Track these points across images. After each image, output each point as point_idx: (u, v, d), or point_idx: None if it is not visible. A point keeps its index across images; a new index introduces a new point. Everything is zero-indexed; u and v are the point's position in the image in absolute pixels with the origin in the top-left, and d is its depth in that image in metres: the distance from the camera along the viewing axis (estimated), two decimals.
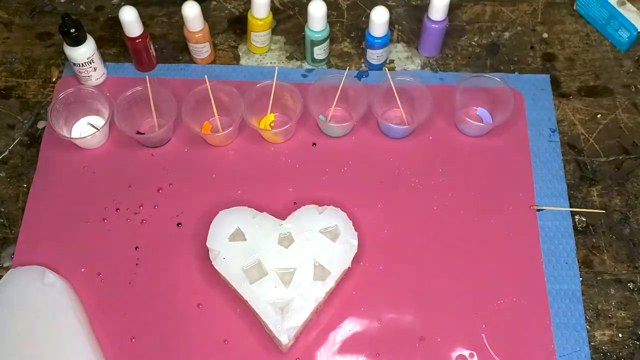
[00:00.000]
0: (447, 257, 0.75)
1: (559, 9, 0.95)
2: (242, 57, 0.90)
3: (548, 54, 0.91)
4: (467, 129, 0.82)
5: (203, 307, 0.71)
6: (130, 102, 0.80)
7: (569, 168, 0.81)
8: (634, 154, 0.82)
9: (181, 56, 0.90)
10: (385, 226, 0.76)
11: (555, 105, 0.86)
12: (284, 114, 0.83)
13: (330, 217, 0.72)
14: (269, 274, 0.69)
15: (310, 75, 0.88)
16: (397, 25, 0.93)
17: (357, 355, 0.69)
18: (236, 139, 0.83)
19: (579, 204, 0.79)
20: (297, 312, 0.67)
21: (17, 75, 0.89)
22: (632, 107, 0.86)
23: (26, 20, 0.94)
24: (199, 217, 0.76)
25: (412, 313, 0.71)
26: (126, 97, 0.79)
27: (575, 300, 0.72)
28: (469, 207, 0.78)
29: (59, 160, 0.81)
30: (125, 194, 0.78)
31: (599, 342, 0.71)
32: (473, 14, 0.95)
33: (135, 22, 0.81)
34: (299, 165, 0.81)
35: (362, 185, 0.79)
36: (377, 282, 0.73)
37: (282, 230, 0.71)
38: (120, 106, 0.79)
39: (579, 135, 0.84)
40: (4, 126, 0.85)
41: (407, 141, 0.82)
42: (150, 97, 0.79)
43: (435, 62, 0.90)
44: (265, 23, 0.85)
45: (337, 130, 0.82)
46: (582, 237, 0.76)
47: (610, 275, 0.74)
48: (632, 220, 0.78)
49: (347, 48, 0.91)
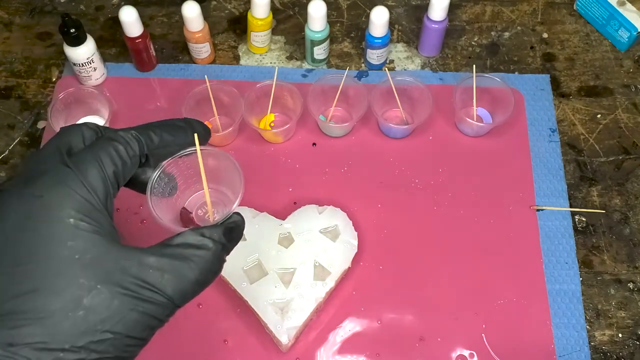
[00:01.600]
0: (447, 257, 0.75)
1: (559, 9, 0.95)
2: (242, 57, 0.90)
3: (548, 54, 0.91)
4: (467, 129, 0.82)
5: (203, 307, 0.71)
6: (198, 100, 0.80)
7: (569, 168, 0.81)
8: (634, 154, 0.82)
9: (181, 56, 0.90)
10: (385, 226, 0.76)
11: (555, 105, 0.86)
12: (284, 114, 0.83)
13: (330, 217, 0.72)
14: (269, 274, 0.69)
15: (310, 75, 0.88)
16: (397, 25, 0.93)
17: (357, 355, 0.69)
18: (236, 139, 0.83)
19: (579, 204, 0.79)
20: (297, 312, 0.67)
21: (17, 75, 0.89)
22: (632, 107, 0.86)
23: (26, 20, 0.94)
24: None
25: (412, 313, 0.72)
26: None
27: (575, 300, 0.72)
28: (469, 207, 0.78)
29: None
30: (125, 194, 0.78)
31: (599, 342, 0.71)
32: (473, 14, 0.95)
33: (135, 22, 0.81)
34: (299, 165, 0.81)
35: (362, 185, 0.79)
36: (377, 282, 0.73)
37: (282, 230, 0.71)
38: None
39: (579, 135, 0.84)
40: (4, 126, 0.85)
41: (407, 141, 0.83)
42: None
43: (435, 62, 0.90)
44: (265, 23, 0.85)
45: (337, 130, 0.82)
46: (582, 237, 0.76)
47: (610, 275, 0.74)
48: (632, 220, 0.78)
49: (347, 48, 0.91)
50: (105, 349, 0.36)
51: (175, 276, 0.38)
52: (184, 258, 0.39)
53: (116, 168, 0.40)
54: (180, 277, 0.38)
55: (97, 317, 0.35)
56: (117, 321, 0.36)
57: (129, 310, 0.36)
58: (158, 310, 0.38)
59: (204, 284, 0.40)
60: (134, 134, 0.42)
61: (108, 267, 0.36)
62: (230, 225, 0.43)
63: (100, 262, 0.36)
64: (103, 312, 0.35)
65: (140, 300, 0.37)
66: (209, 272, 0.40)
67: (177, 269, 0.38)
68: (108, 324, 0.36)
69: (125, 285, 0.36)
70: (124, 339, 0.36)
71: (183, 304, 0.40)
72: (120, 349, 0.36)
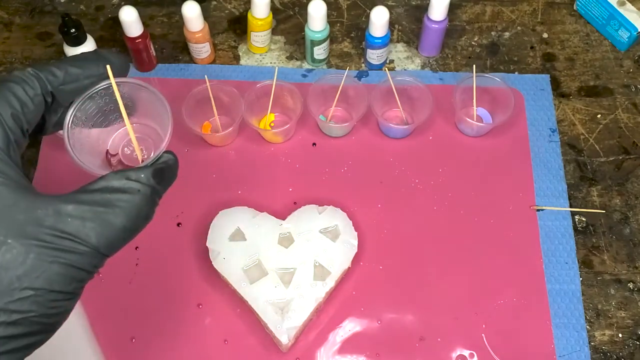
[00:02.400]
0: (447, 257, 0.75)
1: (559, 9, 0.95)
2: (242, 57, 0.90)
3: (548, 54, 0.91)
4: (467, 129, 0.82)
5: (203, 307, 0.71)
6: (198, 100, 0.80)
7: (569, 168, 0.81)
8: (634, 154, 0.82)
9: (181, 56, 0.90)
10: (385, 226, 0.76)
11: (555, 105, 0.86)
12: (284, 114, 0.83)
13: (330, 217, 0.72)
14: (269, 274, 0.69)
15: (310, 75, 0.88)
16: (397, 25, 0.93)
17: (357, 355, 0.69)
18: (236, 139, 0.83)
19: (579, 204, 0.79)
20: (297, 312, 0.67)
21: None
22: (632, 107, 0.86)
23: (26, 20, 0.94)
24: (199, 217, 0.77)
25: (412, 313, 0.72)
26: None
27: (575, 300, 0.72)
28: (469, 207, 0.78)
29: (59, 160, 0.81)
30: None
31: (599, 342, 0.71)
32: (473, 14, 0.95)
33: (135, 22, 0.81)
34: (299, 165, 0.81)
35: (362, 185, 0.79)
36: (377, 282, 0.73)
37: (282, 230, 0.71)
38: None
39: (579, 135, 0.84)
40: None
41: (407, 141, 0.83)
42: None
43: (435, 62, 0.90)
44: (265, 23, 0.85)
45: (337, 130, 0.82)
46: (582, 237, 0.76)
47: (610, 275, 0.74)
48: (632, 220, 0.78)
49: (347, 48, 0.91)
50: (27, 308, 0.33)
51: (99, 224, 0.36)
52: (107, 204, 0.36)
53: (15, 110, 0.37)
54: (105, 224, 0.36)
55: (11, 275, 0.33)
56: (36, 276, 0.33)
57: (49, 264, 0.34)
58: (83, 260, 0.35)
59: (134, 230, 0.38)
60: (32, 71, 0.39)
61: (18, 219, 0.34)
62: (160, 165, 0.40)
63: (7, 215, 0.34)
64: (18, 268, 0.33)
65: (61, 252, 0.34)
66: (138, 217, 0.37)
67: (101, 215, 0.36)
68: (26, 281, 0.33)
69: (40, 237, 0.34)
70: (47, 294, 0.34)
71: (112, 253, 0.37)
72: (45, 306, 0.34)
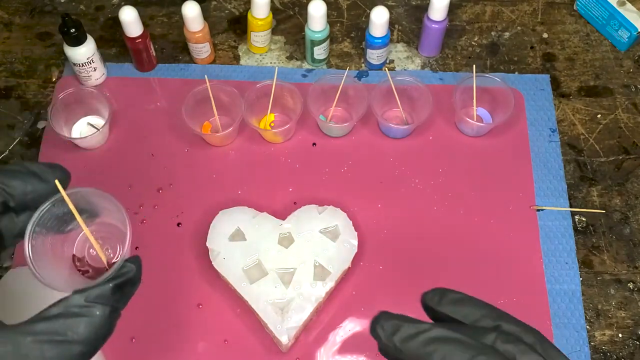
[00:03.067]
0: (447, 257, 0.75)
1: (559, 9, 0.95)
2: (242, 57, 0.90)
3: (548, 54, 0.91)
4: (467, 129, 0.82)
5: (203, 307, 0.71)
6: (198, 100, 0.80)
7: (569, 168, 0.81)
8: (634, 154, 0.82)
9: (181, 56, 0.90)
10: (385, 226, 0.76)
11: (555, 105, 0.86)
12: (284, 114, 0.83)
13: (330, 217, 0.72)
14: (269, 274, 0.69)
15: (310, 75, 0.88)
16: (397, 25, 0.93)
17: (357, 355, 0.69)
18: (236, 139, 0.83)
19: (579, 204, 0.79)
20: (297, 312, 0.67)
21: (17, 75, 0.89)
22: (632, 107, 0.86)
23: (26, 20, 0.94)
24: (199, 217, 0.77)
25: (412, 313, 0.71)
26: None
27: (575, 300, 0.72)
28: (469, 207, 0.78)
29: (59, 160, 0.80)
30: (125, 194, 0.78)
31: (599, 342, 0.71)
32: (473, 14, 0.95)
33: (135, 22, 0.81)
34: (299, 165, 0.81)
35: (362, 185, 0.79)
36: (377, 282, 0.73)
37: (282, 230, 0.71)
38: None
39: (579, 135, 0.84)
40: (4, 126, 0.85)
41: (407, 141, 0.83)
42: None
43: (435, 62, 0.90)
44: (265, 23, 0.85)
45: (337, 130, 0.82)
46: (582, 237, 0.76)
47: (610, 275, 0.74)
48: (632, 220, 0.78)
49: (347, 48, 0.91)
50: None
51: (58, 353, 0.35)
52: (66, 330, 0.36)
53: None
54: (64, 352, 0.35)
55: None
56: None
57: None
58: None
59: (94, 351, 0.37)
60: None
61: None
62: (120, 280, 0.39)
63: None
64: None
65: None
66: (97, 339, 0.37)
67: (60, 345, 0.35)
68: None
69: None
70: None
71: None
72: None
